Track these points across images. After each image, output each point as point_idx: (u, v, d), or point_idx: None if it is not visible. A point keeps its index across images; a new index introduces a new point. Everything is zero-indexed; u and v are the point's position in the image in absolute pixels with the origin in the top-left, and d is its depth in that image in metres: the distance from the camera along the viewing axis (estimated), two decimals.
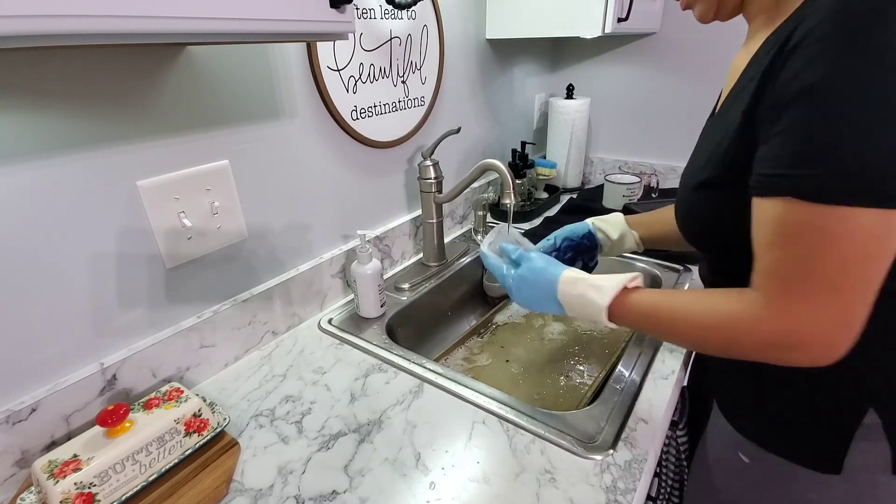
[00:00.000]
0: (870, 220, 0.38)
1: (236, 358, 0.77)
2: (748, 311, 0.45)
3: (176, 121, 0.63)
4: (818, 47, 0.38)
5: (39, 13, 0.29)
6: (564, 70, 1.57)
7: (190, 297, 0.70)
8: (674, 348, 0.76)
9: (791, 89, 0.40)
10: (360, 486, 0.56)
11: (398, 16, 0.90)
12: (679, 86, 1.39)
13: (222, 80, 0.67)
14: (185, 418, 0.57)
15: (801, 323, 0.42)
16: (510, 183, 0.81)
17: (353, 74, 0.85)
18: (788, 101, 0.40)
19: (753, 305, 0.45)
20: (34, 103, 0.51)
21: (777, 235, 0.42)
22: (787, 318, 0.42)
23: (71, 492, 0.48)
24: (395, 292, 0.96)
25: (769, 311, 0.43)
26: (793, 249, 0.41)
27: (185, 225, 0.66)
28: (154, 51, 0.59)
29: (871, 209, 0.38)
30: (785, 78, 0.41)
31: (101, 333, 0.61)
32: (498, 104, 1.33)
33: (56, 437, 0.58)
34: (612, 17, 1.02)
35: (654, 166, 1.50)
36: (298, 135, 0.80)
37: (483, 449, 0.60)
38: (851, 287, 0.40)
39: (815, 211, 0.39)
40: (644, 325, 0.55)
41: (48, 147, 0.53)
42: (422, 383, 0.72)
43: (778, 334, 0.43)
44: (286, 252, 0.83)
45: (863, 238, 0.38)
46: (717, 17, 0.57)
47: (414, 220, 1.07)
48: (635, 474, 0.56)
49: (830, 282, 0.40)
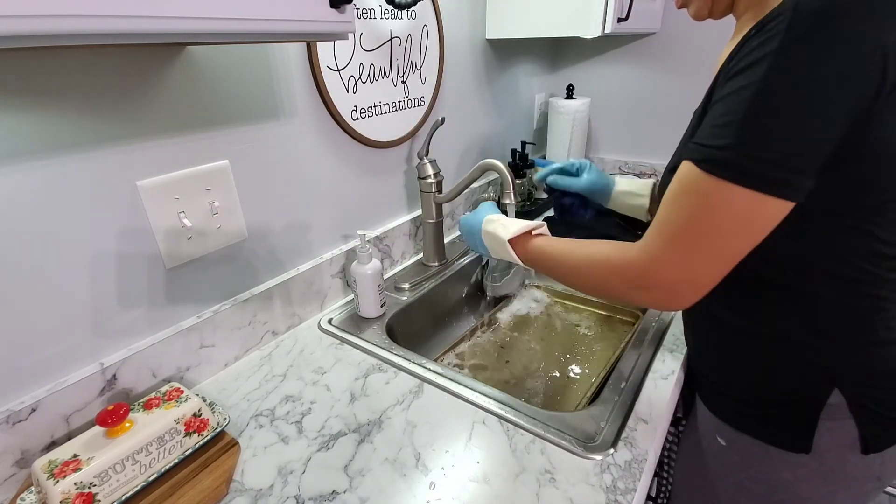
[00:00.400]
0: (746, 200, 0.42)
1: (236, 358, 0.77)
2: (626, 255, 0.51)
3: (176, 121, 0.63)
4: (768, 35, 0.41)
5: (39, 13, 0.29)
6: (564, 70, 1.57)
7: (190, 297, 0.70)
8: (673, 348, 0.76)
9: (738, 66, 0.43)
10: (360, 486, 0.56)
11: (398, 16, 0.90)
12: (679, 86, 1.39)
13: (222, 80, 0.67)
14: (185, 418, 0.57)
15: (660, 268, 0.48)
16: (510, 183, 0.81)
17: (353, 74, 0.85)
18: (731, 75, 0.43)
19: (631, 250, 0.51)
20: (34, 103, 0.51)
21: (673, 193, 0.47)
22: (651, 262, 0.48)
23: (71, 492, 0.48)
24: (395, 292, 0.96)
25: (641, 255, 0.49)
26: (677, 208, 0.46)
27: (185, 225, 0.66)
28: (154, 51, 0.59)
29: (750, 191, 0.41)
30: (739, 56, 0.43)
31: (101, 333, 0.61)
32: (498, 104, 1.33)
33: (56, 437, 0.58)
34: (612, 17, 1.02)
35: (654, 166, 1.50)
36: (298, 135, 0.80)
37: (483, 449, 0.60)
38: (711, 253, 0.45)
39: (705, 180, 0.43)
40: (539, 263, 0.65)
41: (48, 147, 0.53)
42: (422, 383, 0.72)
43: (639, 274, 0.49)
44: (286, 252, 0.83)
45: (735, 215, 0.43)
46: (712, 14, 0.58)
47: (414, 220, 1.07)
48: (635, 474, 0.56)
49: (695, 242, 0.45)
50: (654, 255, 0.48)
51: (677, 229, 0.46)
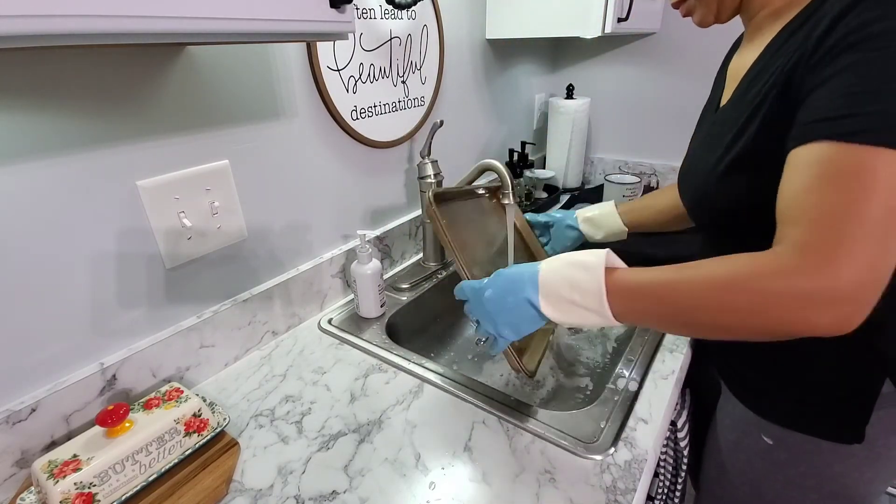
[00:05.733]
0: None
1: (236, 358, 0.77)
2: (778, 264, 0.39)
3: (176, 121, 0.63)
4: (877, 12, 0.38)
5: (39, 13, 0.29)
6: (564, 70, 1.57)
7: (190, 297, 0.70)
8: (673, 348, 0.76)
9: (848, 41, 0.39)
10: (360, 486, 0.56)
11: (398, 16, 0.90)
12: (679, 86, 1.39)
13: (222, 80, 0.67)
14: (184, 418, 0.57)
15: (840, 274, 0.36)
16: (509, 183, 0.81)
17: (353, 74, 0.85)
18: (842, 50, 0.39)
19: (783, 258, 0.39)
20: (34, 103, 0.51)
21: (816, 179, 0.38)
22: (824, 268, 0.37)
23: (71, 492, 0.48)
24: (395, 292, 0.96)
25: (805, 261, 0.38)
26: (831, 195, 0.37)
27: (185, 225, 0.66)
28: (154, 51, 0.59)
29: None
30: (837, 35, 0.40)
31: (101, 333, 0.61)
32: (498, 104, 1.33)
33: (56, 437, 0.58)
34: (612, 17, 1.02)
35: (653, 166, 1.50)
36: (298, 135, 0.80)
37: (483, 449, 0.60)
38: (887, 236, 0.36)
39: (859, 152, 0.36)
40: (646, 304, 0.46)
41: (48, 147, 0.53)
42: (422, 383, 0.72)
43: (815, 287, 0.37)
44: (286, 252, 0.83)
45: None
46: (717, 20, 0.57)
47: (414, 220, 1.07)
48: (635, 474, 0.56)
49: (870, 230, 0.36)
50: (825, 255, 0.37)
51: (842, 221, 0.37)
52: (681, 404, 0.80)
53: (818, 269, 0.37)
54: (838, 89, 0.39)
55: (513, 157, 1.38)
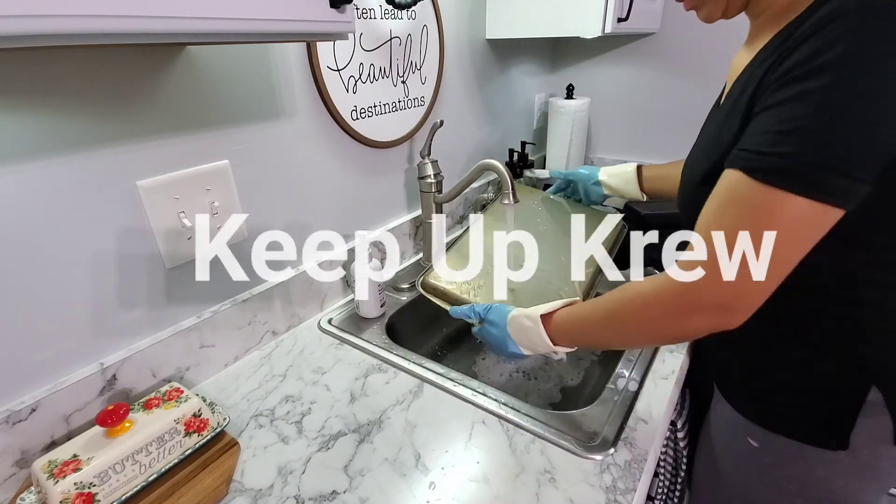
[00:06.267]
0: (805, 209, 0.40)
1: (236, 358, 0.77)
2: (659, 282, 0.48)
3: (176, 121, 0.63)
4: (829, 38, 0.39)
5: (39, 13, 0.29)
6: (564, 70, 1.57)
7: (190, 297, 0.70)
8: (673, 349, 0.76)
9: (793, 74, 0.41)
10: (360, 486, 0.56)
11: (398, 16, 0.90)
12: (679, 86, 1.39)
13: (222, 80, 0.67)
14: (184, 418, 0.57)
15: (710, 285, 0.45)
16: (509, 183, 0.81)
17: (353, 74, 0.85)
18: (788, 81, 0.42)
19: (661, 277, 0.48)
20: (34, 103, 0.51)
21: (723, 202, 0.45)
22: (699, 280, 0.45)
23: (71, 492, 0.48)
24: (395, 292, 0.96)
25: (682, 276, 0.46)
26: (726, 219, 0.44)
27: (185, 225, 0.66)
28: (154, 51, 0.59)
29: (811, 200, 0.40)
30: (792, 61, 0.42)
31: (101, 333, 0.61)
32: (498, 104, 1.33)
33: (56, 437, 0.58)
34: (612, 17, 1.02)
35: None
36: (298, 135, 0.80)
37: (483, 449, 0.60)
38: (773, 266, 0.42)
39: (762, 191, 0.41)
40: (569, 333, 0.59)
41: (48, 147, 0.53)
42: (422, 383, 0.72)
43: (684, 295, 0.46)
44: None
45: (793, 224, 0.41)
46: (724, 16, 0.56)
47: (414, 220, 1.07)
48: (635, 474, 0.56)
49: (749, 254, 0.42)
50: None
51: (728, 241, 0.43)
52: (680, 404, 0.80)
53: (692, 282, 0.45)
54: (766, 123, 0.42)
55: (513, 156, 1.38)
